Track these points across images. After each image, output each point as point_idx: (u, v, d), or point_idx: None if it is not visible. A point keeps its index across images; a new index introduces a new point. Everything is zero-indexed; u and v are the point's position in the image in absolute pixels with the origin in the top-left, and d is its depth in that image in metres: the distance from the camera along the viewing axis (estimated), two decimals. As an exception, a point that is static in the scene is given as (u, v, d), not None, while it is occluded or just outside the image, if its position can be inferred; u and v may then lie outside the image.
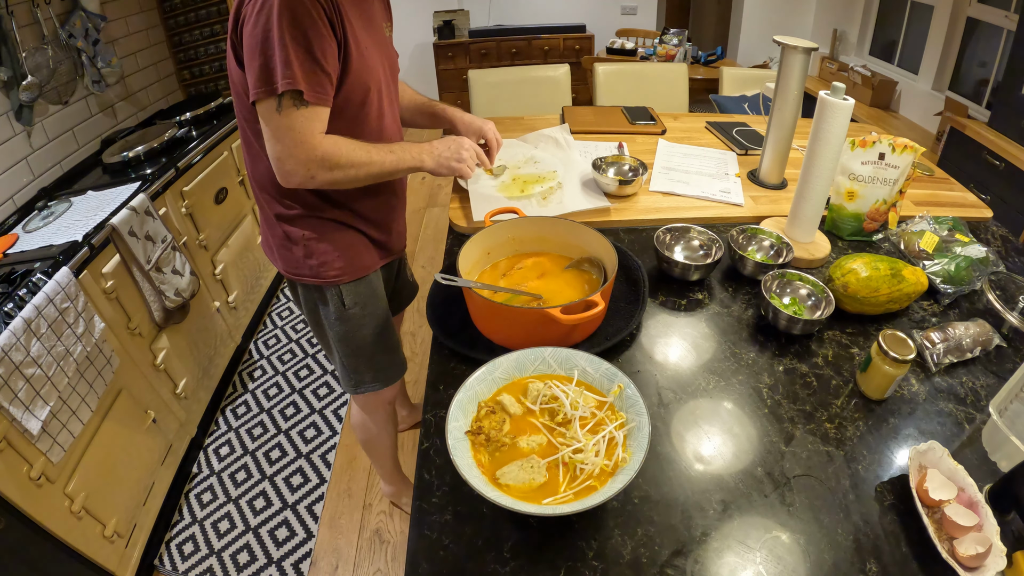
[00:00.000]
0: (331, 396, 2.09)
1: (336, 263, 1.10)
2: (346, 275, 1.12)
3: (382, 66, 1.04)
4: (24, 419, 1.14)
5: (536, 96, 2.43)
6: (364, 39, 0.95)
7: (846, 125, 1.06)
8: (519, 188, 1.35)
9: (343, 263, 1.11)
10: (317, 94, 0.87)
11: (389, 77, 1.09)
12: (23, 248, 1.46)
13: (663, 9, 5.15)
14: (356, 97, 0.97)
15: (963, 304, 1.08)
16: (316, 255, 1.09)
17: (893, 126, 3.31)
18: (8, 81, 1.64)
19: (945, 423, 0.84)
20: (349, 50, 0.91)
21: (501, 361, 0.78)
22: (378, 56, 1.01)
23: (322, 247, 1.08)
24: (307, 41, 0.83)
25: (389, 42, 1.11)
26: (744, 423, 0.83)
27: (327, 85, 0.89)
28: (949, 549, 0.66)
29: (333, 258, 1.10)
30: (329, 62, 0.87)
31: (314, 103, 0.87)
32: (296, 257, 1.10)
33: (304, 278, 1.12)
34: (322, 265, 1.10)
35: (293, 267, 1.12)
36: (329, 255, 1.09)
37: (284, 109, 0.86)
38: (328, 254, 1.09)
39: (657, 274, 1.13)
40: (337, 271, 1.11)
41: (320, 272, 1.10)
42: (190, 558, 1.60)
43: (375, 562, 1.59)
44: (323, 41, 0.85)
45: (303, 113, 0.87)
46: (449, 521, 0.70)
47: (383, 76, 1.04)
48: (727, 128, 1.77)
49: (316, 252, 1.08)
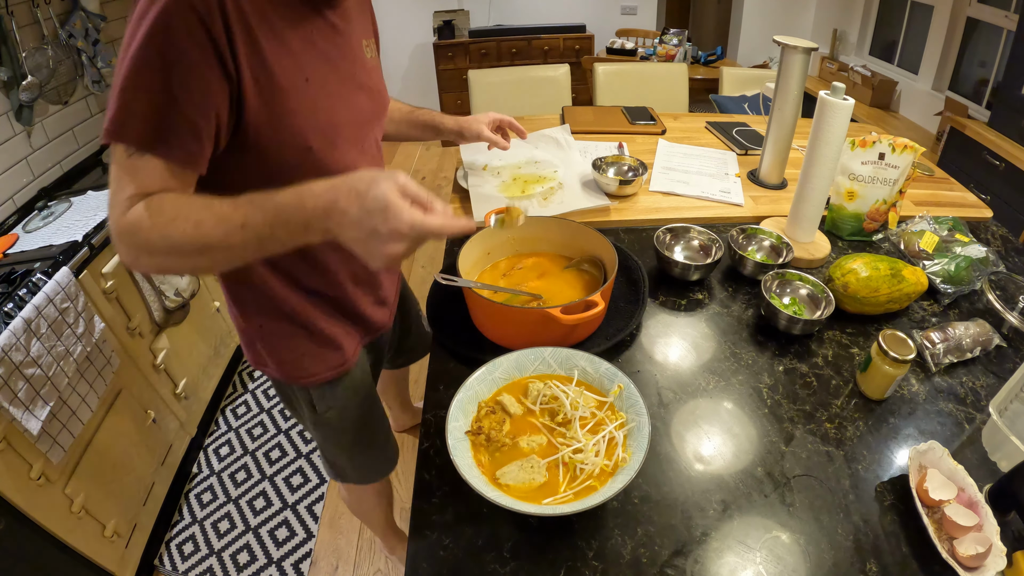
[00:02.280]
0: (331, 396, 2.09)
1: (301, 363, 0.89)
2: (315, 376, 0.91)
3: (351, 109, 0.78)
4: (24, 419, 1.14)
5: (536, 96, 2.43)
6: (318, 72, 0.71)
7: (846, 125, 1.06)
8: (519, 188, 1.35)
9: (309, 362, 0.89)
10: (156, 144, 0.61)
11: (366, 121, 0.82)
12: (23, 248, 1.46)
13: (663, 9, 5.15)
14: (288, 157, 0.70)
15: (963, 304, 1.08)
16: (276, 353, 0.88)
17: (893, 126, 3.31)
18: (8, 81, 1.64)
19: (945, 423, 0.84)
20: (265, 91, 0.65)
21: (501, 361, 0.78)
22: (345, 96, 0.76)
23: (282, 344, 0.87)
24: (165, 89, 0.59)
25: (373, 72, 0.85)
26: (744, 423, 0.83)
27: (181, 140, 0.62)
28: (949, 549, 0.66)
29: (296, 357, 0.89)
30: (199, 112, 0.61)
31: (150, 153, 0.61)
32: (257, 352, 0.90)
33: (269, 374, 0.93)
34: (284, 364, 0.89)
35: (256, 361, 0.92)
36: (291, 354, 0.88)
37: (114, 158, 0.62)
38: (290, 352, 0.88)
39: (657, 274, 1.13)
40: (303, 373, 0.90)
41: (285, 372, 0.90)
42: (190, 558, 1.60)
43: (375, 562, 1.59)
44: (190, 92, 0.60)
45: (129, 163, 0.61)
46: (449, 521, 0.70)
47: (350, 123, 0.78)
48: (727, 128, 1.77)
49: (276, 349, 0.88)
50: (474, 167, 1.42)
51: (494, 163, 1.45)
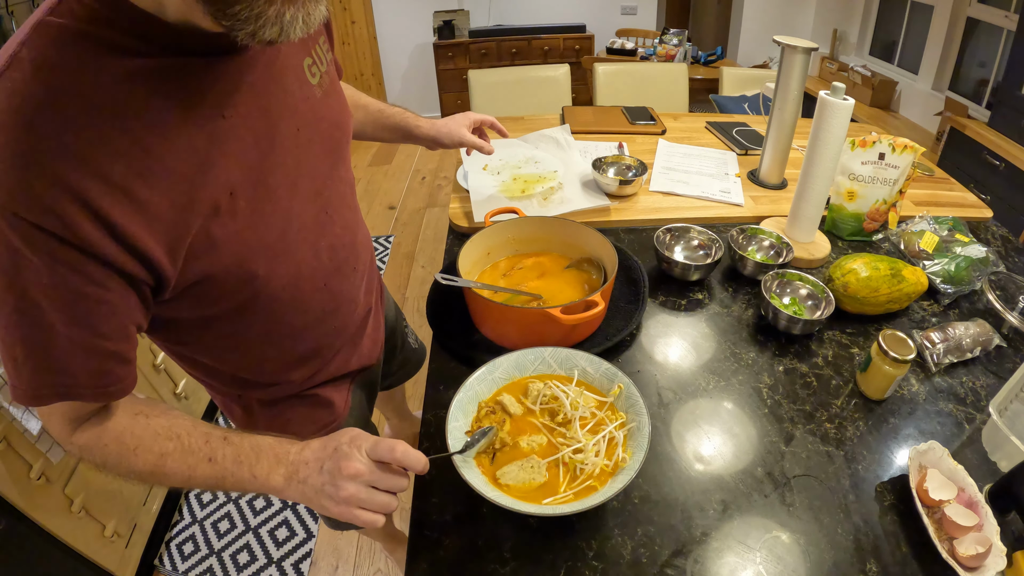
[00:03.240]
0: (331, 396, 2.09)
1: (287, 429, 0.82)
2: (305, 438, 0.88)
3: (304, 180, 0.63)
4: (24, 419, 1.14)
5: (536, 96, 2.43)
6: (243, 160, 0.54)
7: (846, 125, 1.06)
8: (520, 188, 1.35)
9: (297, 427, 0.84)
10: (80, 394, 0.52)
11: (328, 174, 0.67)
12: (23, 248, 1.46)
13: (663, 9, 5.15)
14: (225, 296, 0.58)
15: (963, 304, 1.08)
16: (258, 420, 0.83)
17: (893, 126, 3.31)
18: (8, 81, 1.64)
19: (945, 423, 0.84)
20: (175, 244, 0.50)
21: (501, 361, 0.78)
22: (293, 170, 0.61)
23: (264, 413, 0.82)
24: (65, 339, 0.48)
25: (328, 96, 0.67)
26: (744, 423, 0.83)
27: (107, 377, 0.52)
28: (949, 549, 0.66)
29: (282, 423, 0.83)
30: (119, 335, 0.51)
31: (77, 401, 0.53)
32: (236, 420, 0.85)
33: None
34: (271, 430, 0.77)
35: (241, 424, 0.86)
36: (277, 422, 0.83)
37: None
38: (276, 420, 0.83)
39: (657, 274, 1.13)
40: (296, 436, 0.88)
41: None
42: (190, 558, 1.60)
43: (375, 562, 1.59)
44: (93, 323, 0.48)
45: (41, 408, 0.53)
46: (449, 521, 0.70)
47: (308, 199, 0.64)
48: (727, 128, 1.77)
49: (258, 417, 0.82)
50: (474, 167, 1.42)
51: (494, 163, 1.45)
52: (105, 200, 0.44)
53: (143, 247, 0.47)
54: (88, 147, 0.43)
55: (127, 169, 0.45)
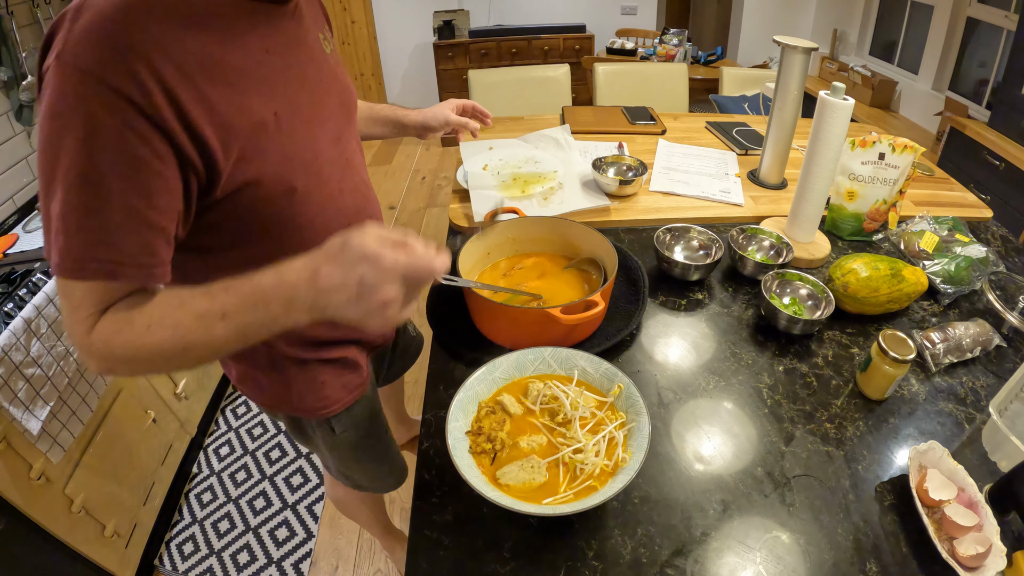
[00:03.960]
0: (331, 396, 2.09)
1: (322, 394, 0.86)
2: (338, 403, 0.89)
3: (327, 121, 0.72)
4: (24, 419, 1.14)
5: (536, 96, 2.43)
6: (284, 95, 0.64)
7: (846, 125, 1.06)
8: (520, 188, 1.35)
9: (331, 391, 0.87)
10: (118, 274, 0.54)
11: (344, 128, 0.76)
12: (23, 248, 1.46)
13: (663, 9, 5.15)
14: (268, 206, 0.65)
15: (963, 304, 1.08)
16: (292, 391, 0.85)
17: (893, 126, 3.31)
18: (8, 81, 1.64)
19: (945, 423, 0.84)
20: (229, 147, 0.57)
21: (501, 361, 0.78)
22: (319, 109, 0.70)
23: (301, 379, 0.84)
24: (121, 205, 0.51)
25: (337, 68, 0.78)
26: (744, 423, 0.83)
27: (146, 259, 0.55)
28: (949, 549, 0.66)
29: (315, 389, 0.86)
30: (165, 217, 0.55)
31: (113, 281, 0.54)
32: (265, 393, 0.87)
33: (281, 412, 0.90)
34: (304, 399, 0.86)
35: (265, 402, 0.88)
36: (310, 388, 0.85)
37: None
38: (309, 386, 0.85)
39: (657, 274, 1.13)
40: (324, 403, 0.87)
41: (306, 407, 0.87)
42: (190, 558, 1.60)
43: (375, 562, 1.59)
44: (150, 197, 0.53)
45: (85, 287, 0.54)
46: (449, 521, 0.70)
47: (330, 139, 0.72)
48: (727, 128, 1.77)
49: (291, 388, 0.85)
50: (474, 167, 1.42)
51: (494, 163, 1.45)
52: (177, 83, 0.52)
53: (202, 133, 0.54)
54: (169, 39, 0.52)
55: (196, 65, 0.54)
